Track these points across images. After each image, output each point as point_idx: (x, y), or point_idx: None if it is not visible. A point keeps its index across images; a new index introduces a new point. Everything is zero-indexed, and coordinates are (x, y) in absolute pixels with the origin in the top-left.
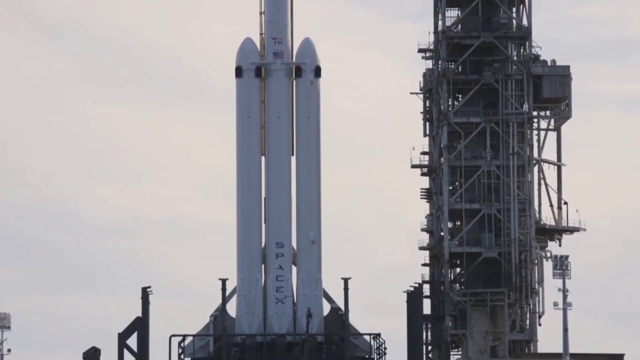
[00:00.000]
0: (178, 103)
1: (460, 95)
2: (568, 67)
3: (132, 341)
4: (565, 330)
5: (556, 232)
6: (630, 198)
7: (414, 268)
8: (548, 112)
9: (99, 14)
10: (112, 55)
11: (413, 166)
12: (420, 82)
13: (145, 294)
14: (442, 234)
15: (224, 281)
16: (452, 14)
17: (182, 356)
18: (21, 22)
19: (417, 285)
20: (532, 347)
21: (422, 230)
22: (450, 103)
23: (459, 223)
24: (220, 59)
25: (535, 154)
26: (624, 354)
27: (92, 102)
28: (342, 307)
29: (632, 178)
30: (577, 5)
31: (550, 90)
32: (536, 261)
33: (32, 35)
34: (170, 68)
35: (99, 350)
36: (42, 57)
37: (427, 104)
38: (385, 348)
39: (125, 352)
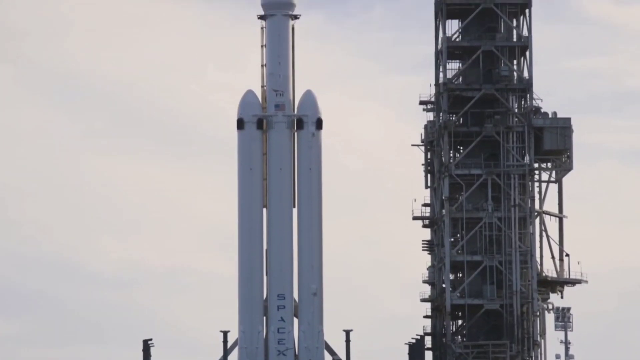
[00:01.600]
0: (179, 155)
1: (461, 147)
2: (569, 119)
3: None
4: None
5: (558, 284)
6: (632, 250)
7: (416, 320)
8: (549, 164)
9: (98, 67)
10: (111, 107)
11: (414, 218)
12: (421, 134)
13: (146, 346)
14: (443, 285)
15: (225, 333)
16: (453, 66)
17: None
18: (20, 75)
19: (418, 337)
20: None
21: (424, 282)
22: (451, 155)
23: (460, 275)
24: (222, 110)
25: (537, 206)
26: None
27: (92, 155)
28: None
29: (634, 230)
30: (578, 58)
31: (552, 143)
32: (538, 313)
33: (31, 88)
34: (171, 120)
35: None
36: (42, 110)
37: (429, 156)
38: None
39: None
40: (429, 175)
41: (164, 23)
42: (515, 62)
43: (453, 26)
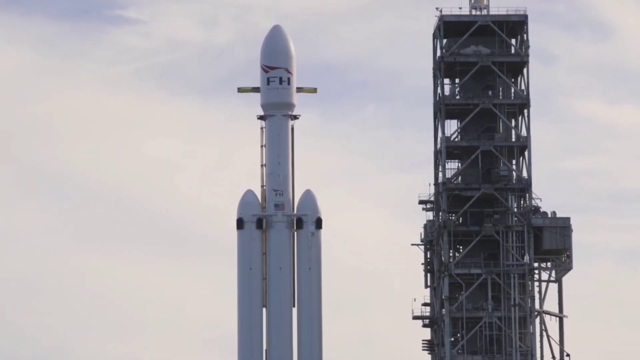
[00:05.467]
0: (177, 255)
1: (461, 247)
2: (568, 218)
3: None
4: None
5: None
6: (633, 350)
7: None
8: (549, 264)
9: (92, 169)
10: (107, 208)
11: (414, 317)
12: (421, 234)
13: None
14: None
15: None
16: (452, 165)
17: None
18: (10, 176)
19: None
20: None
21: None
22: (451, 254)
23: None
24: (220, 210)
25: (537, 306)
26: None
27: (88, 257)
28: None
29: (634, 330)
30: (573, 157)
31: (551, 242)
32: None
33: (25, 191)
34: (169, 220)
35: None
36: (36, 211)
37: (428, 256)
38: None
39: None
40: (428, 274)
41: (158, 122)
42: (514, 161)
43: (452, 126)
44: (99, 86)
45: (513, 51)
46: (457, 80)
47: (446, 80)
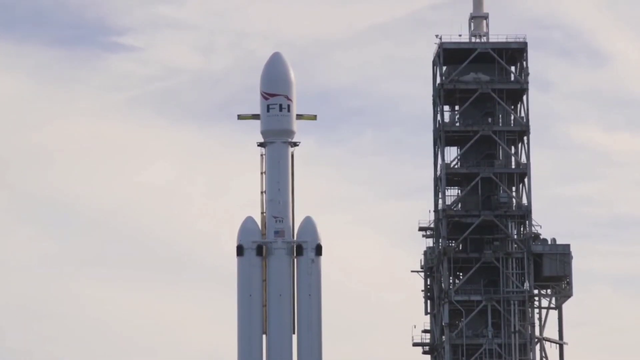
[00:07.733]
0: (177, 282)
1: (461, 274)
2: (568, 245)
3: None
4: None
5: None
6: None
7: None
8: (549, 291)
9: (89, 196)
10: (106, 236)
11: (414, 344)
12: (421, 260)
13: None
14: None
15: None
16: (452, 192)
17: None
18: (8, 205)
19: None
20: None
21: None
22: (451, 281)
23: None
24: (220, 237)
25: (537, 332)
26: None
27: (86, 284)
28: None
29: (633, 356)
30: (571, 184)
31: (551, 269)
32: None
33: (21, 217)
34: (169, 247)
35: None
36: (32, 238)
37: (428, 282)
38: None
39: None
40: (428, 301)
41: (156, 149)
42: (514, 188)
43: (452, 153)
44: (95, 113)
45: (512, 78)
46: (456, 107)
47: (446, 107)
